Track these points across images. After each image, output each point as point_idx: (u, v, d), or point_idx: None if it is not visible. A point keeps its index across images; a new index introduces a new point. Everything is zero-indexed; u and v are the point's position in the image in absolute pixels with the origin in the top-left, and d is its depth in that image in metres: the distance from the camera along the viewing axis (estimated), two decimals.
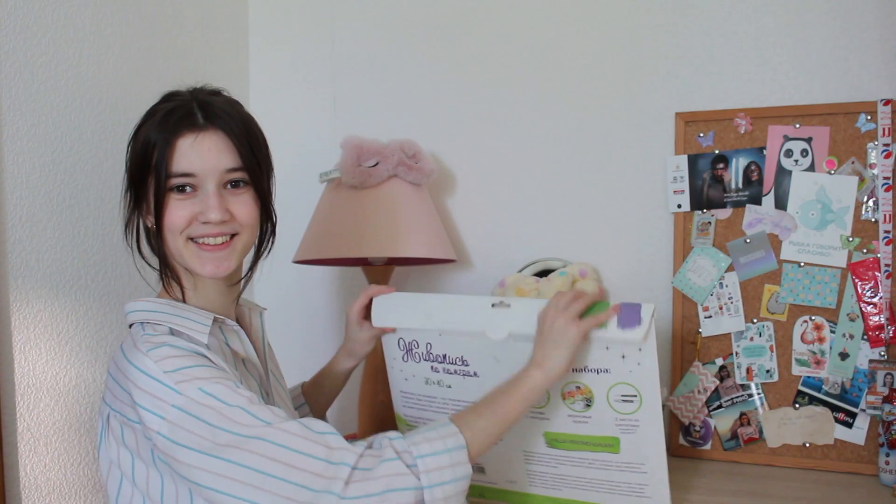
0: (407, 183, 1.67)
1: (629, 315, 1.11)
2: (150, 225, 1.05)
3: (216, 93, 1.08)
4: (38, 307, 1.33)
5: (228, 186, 1.03)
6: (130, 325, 1.05)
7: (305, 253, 1.68)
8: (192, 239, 1.03)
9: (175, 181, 1.00)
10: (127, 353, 0.97)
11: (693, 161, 1.61)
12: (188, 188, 1.01)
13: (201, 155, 1.00)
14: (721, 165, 1.59)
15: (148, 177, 1.02)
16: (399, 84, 1.90)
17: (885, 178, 1.47)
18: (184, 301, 1.08)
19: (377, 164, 1.65)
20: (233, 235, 1.05)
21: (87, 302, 1.43)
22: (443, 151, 1.86)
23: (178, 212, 1.01)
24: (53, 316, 1.37)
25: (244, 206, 1.04)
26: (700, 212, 1.61)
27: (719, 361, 1.58)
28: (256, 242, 1.12)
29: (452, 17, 1.85)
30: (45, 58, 1.36)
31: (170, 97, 1.07)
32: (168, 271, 1.07)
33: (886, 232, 1.46)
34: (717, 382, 1.57)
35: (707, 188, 1.60)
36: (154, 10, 1.64)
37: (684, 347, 1.61)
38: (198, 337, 1.00)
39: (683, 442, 1.60)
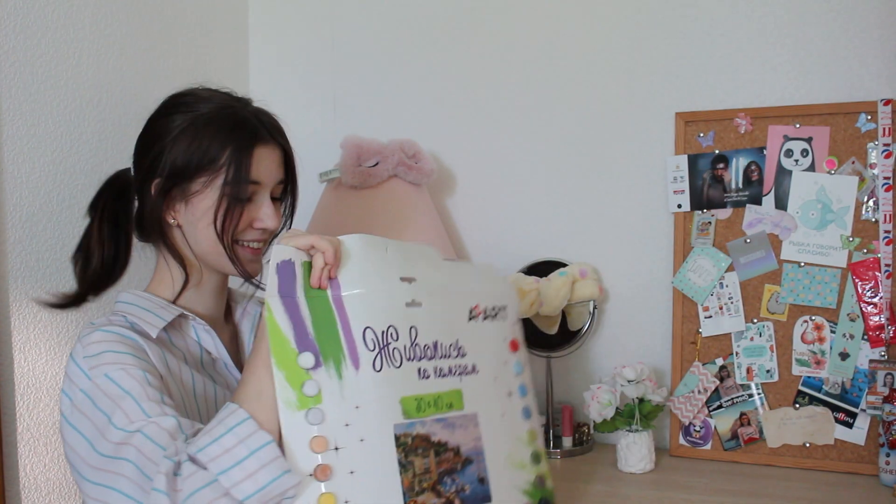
0: (407, 183, 1.67)
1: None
2: (172, 222, 1.07)
3: (263, 109, 1.13)
4: (37, 307, 1.33)
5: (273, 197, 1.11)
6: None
7: None
8: (236, 241, 1.07)
9: (246, 189, 1.04)
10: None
11: (693, 161, 1.61)
12: (247, 195, 1.05)
13: (268, 167, 1.06)
14: (721, 165, 1.59)
15: (199, 177, 1.03)
16: (399, 84, 1.90)
17: (885, 178, 1.47)
18: (175, 300, 1.10)
19: (377, 164, 1.65)
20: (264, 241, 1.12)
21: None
22: (443, 151, 1.85)
23: (238, 216, 1.05)
24: (53, 316, 1.37)
25: (280, 217, 1.11)
26: (700, 212, 1.61)
27: (719, 361, 1.58)
28: None
29: (452, 18, 1.85)
30: (45, 58, 1.36)
31: (226, 105, 1.07)
32: (184, 270, 1.09)
33: (887, 232, 1.46)
34: (718, 382, 1.57)
35: (707, 188, 1.60)
36: (154, 9, 1.64)
37: (684, 347, 1.61)
38: (147, 330, 1.03)
39: (683, 442, 1.60)
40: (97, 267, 1.10)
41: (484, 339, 1.07)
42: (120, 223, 1.12)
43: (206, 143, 1.03)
